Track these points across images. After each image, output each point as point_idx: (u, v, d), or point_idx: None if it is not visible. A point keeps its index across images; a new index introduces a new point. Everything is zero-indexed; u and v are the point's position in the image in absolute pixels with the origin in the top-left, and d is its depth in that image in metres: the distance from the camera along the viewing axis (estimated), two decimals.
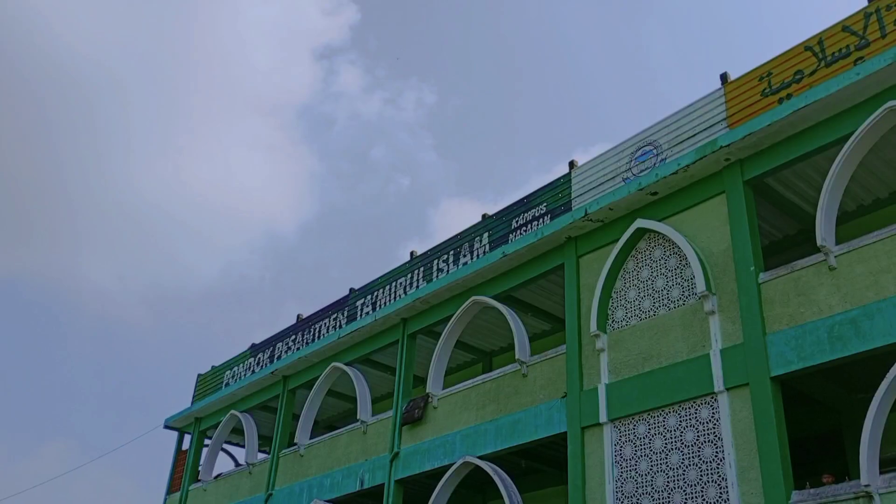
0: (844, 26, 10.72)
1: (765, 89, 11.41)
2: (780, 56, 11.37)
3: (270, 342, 21.81)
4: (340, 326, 19.07)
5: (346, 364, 17.83)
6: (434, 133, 54.79)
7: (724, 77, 12.05)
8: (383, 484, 15.46)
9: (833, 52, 10.78)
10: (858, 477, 8.91)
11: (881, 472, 8.86)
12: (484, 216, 16.04)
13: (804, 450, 11.47)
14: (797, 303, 10.16)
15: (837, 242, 10.08)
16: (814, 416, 11.95)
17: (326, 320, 19.75)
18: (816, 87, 10.36)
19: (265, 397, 20.46)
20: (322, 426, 22.00)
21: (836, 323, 9.64)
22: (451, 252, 16.38)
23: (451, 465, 14.02)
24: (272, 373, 19.81)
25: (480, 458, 13.59)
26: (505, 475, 13.23)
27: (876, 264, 9.53)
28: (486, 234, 15.68)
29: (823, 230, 10.01)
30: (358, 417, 16.81)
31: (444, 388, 15.27)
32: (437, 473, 14.42)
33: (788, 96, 11.01)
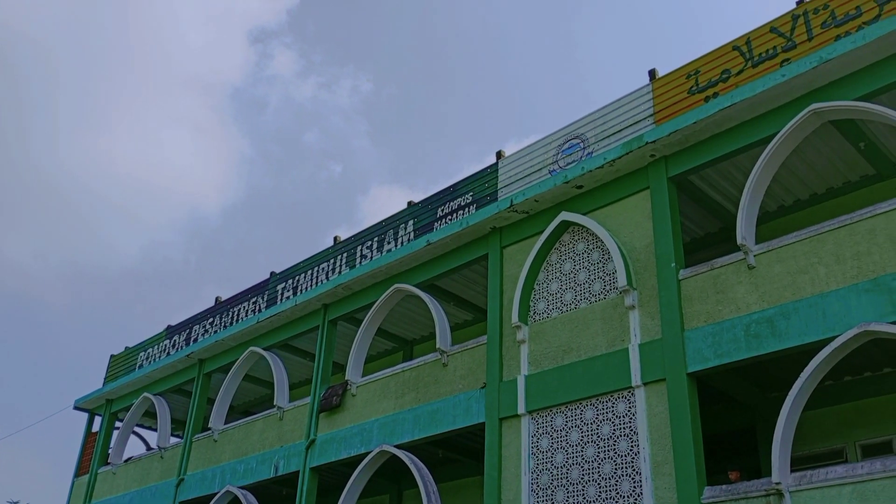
0: (772, 27, 10.82)
1: (692, 87, 11.44)
2: (707, 54, 11.41)
3: (187, 324, 21.09)
4: (260, 310, 18.55)
5: (265, 349, 17.36)
6: (369, 120, 54.13)
7: (652, 73, 12.04)
8: (298, 471, 15.11)
9: (760, 53, 10.87)
10: (770, 474, 9.02)
11: (792, 471, 9.00)
12: (409, 203, 15.76)
13: (719, 446, 11.65)
14: (716, 300, 10.25)
15: (757, 242, 10.19)
16: (729, 413, 12.15)
17: (246, 304, 19.18)
18: (742, 86, 10.43)
19: (180, 380, 19.79)
20: (238, 411, 21.44)
21: (753, 321, 9.75)
22: (376, 239, 16.05)
23: (368, 453, 13.77)
24: (188, 356, 19.17)
25: (397, 446, 13.38)
26: (421, 464, 13.05)
27: (794, 265, 9.67)
28: (411, 222, 15.41)
29: (744, 229, 10.10)
30: (275, 403, 16.38)
31: (363, 376, 14.99)
32: (354, 462, 14.16)
33: (715, 95, 11.07)
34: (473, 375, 12.85)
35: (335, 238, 17.31)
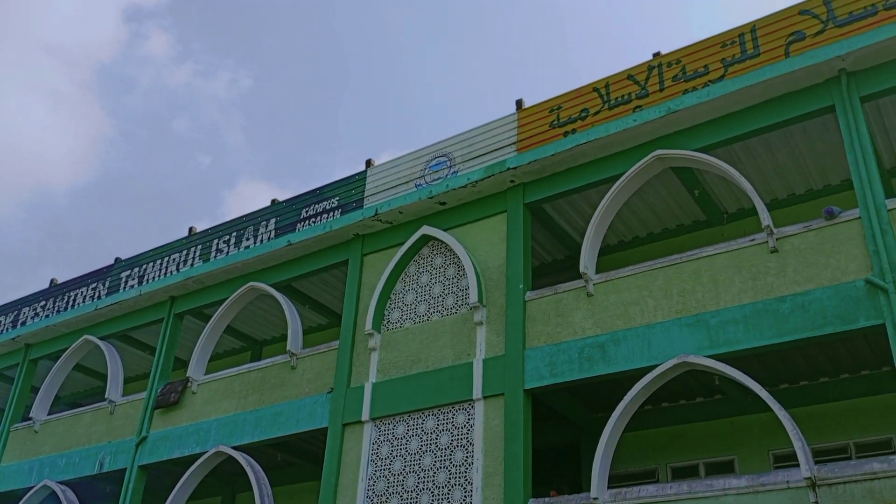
0: (629, 75, 11.71)
1: (553, 121, 12.16)
2: (570, 92, 12.18)
3: (15, 306, 19.74)
4: (100, 297, 17.68)
5: (101, 338, 16.54)
6: (245, 114, 52.58)
7: (519, 103, 12.70)
8: (125, 468, 14.49)
9: (617, 97, 11.73)
10: (590, 490, 9.66)
11: (609, 487, 9.68)
12: (273, 201, 15.64)
13: (546, 461, 12.29)
14: (556, 323, 10.89)
15: (597, 272, 10.93)
16: (558, 430, 12.84)
17: (84, 289, 18.22)
18: (598, 126, 11.22)
19: (1, 365, 18.47)
20: (64, 402, 20.20)
21: (587, 345, 10.44)
22: (234, 234, 15.79)
23: (203, 453, 13.45)
24: (13, 339, 17.94)
25: (235, 448, 13.16)
26: (258, 467, 12.91)
27: (627, 296, 10.46)
28: (273, 221, 15.29)
29: (586, 259, 10.83)
30: (106, 396, 15.63)
31: (206, 374, 14.64)
32: (188, 461, 13.77)
33: (573, 131, 11.82)
34: (321, 380, 12.90)
35: (190, 229, 16.85)
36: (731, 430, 11.63)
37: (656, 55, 11.58)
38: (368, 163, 14.38)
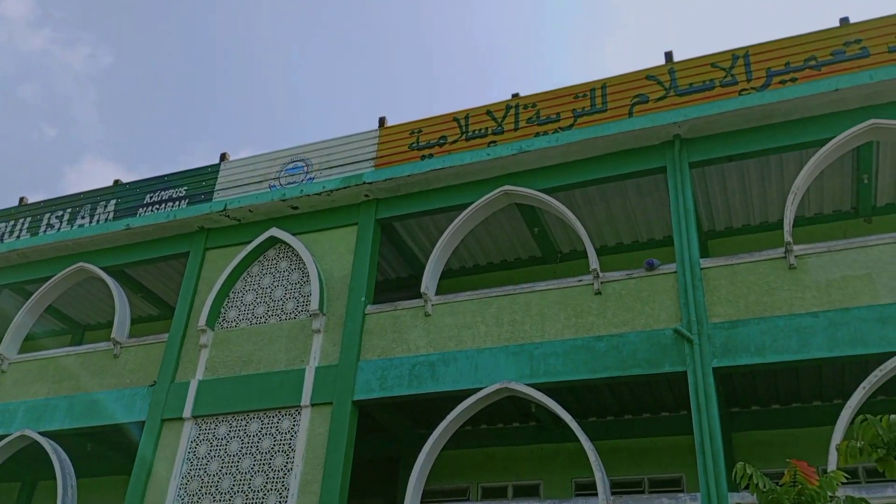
0: (489, 111, 12.26)
1: (413, 143, 12.50)
2: (432, 118, 12.58)
3: None
4: None
5: None
6: (101, 91, 49.36)
7: (381, 121, 12.96)
8: None
9: (474, 129, 12.24)
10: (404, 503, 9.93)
11: (423, 502, 10.00)
12: (116, 182, 14.98)
13: (366, 473, 12.46)
14: (392, 338, 11.15)
15: (437, 294, 11.32)
16: (380, 443, 13.08)
17: None
18: (453, 154, 11.68)
19: None
20: None
21: (419, 363, 10.77)
22: (69, 210, 14.96)
23: (6, 436, 12.62)
24: None
25: (42, 433, 12.45)
26: (65, 455, 12.27)
27: (462, 319, 10.90)
28: (113, 202, 14.63)
29: (428, 279, 11.19)
30: None
31: (19, 353, 13.75)
32: None
33: (431, 155, 12.21)
34: (144, 371, 12.48)
35: (21, 199, 15.80)
36: (541, 457, 12.33)
37: (515, 96, 12.20)
38: (223, 156, 14.11)
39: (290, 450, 10.80)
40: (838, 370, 10.50)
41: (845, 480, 5.14)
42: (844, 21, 10.82)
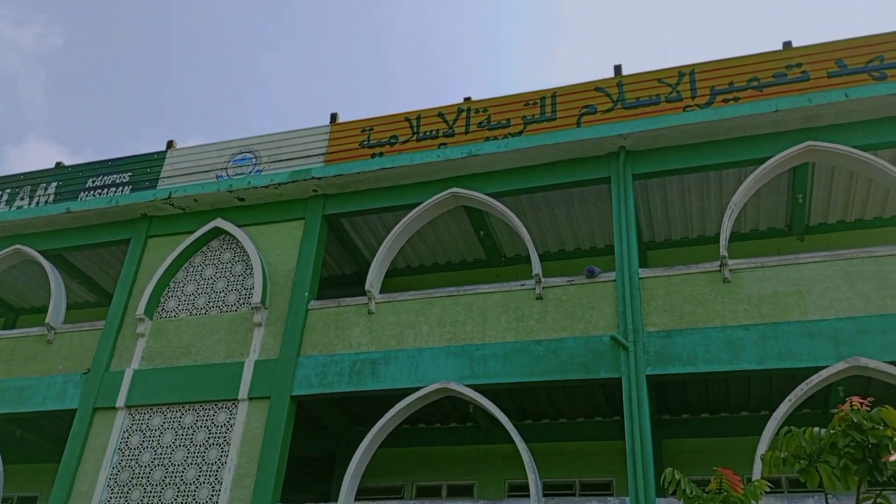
0: (440, 112, 12.35)
1: (363, 141, 12.52)
2: (384, 116, 12.62)
3: None
4: None
5: None
6: (49, 71, 47.85)
7: (333, 117, 12.94)
8: None
9: (426, 130, 12.31)
10: (337, 499, 9.92)
11: (357, 499, 10.01)
12: (58, 165, 14.64)
13: (301, 468, 12.43)
14: (334, 335, 11.14)
15: (381, 292, 11.34)
16: (317, 439, 13.03)
17: None
18: (404, 154, 11.73)
19: None
20: None
21: (360, 360, 10.78)
22: (7, 191, 14.57)
23: None
24: None
25: None
26: None
27: (405, 318, 10.94)
28: (54, 184, 14.30)
29: (373, 277, 11.22)
30: None
31: None
32: None
33: (381, 154, 12.24)
34: (78, 358, 12.22)
35: None
36: (476, 457, 12.46)
37: (467, 100, 12.32)
38: (170, 144, 13.91)
39: (224, 443, 10.71)
40: (766, 382, 10.86)
41: (769, 489, 5.33)
42: (787, 45, 11.21)
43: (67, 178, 14.27)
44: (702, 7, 41.79)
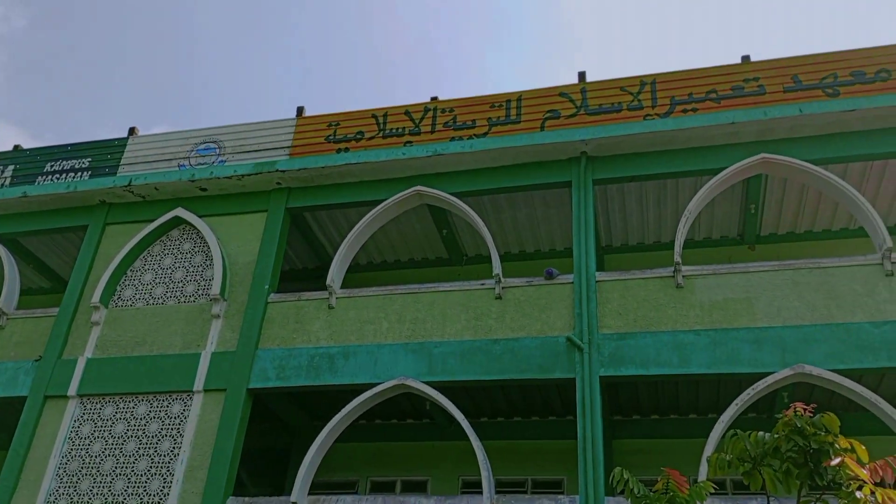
0: (407, 111, 12.43)
1: (329, 135, 12.53)
2: (351, 112, 12.64)
3: None
4: None
5: None
6: (10, 53, 46.57)
7: (299, 110, 12.93)
8: None
9: (392, 128, 12.38)
10: (291, 493, 9.94)
11: (310, 493, 10.04)
12: (16, 147, 14.36)
13: (255, 462, 12.41)
14: (293, 328, 11.14)
15: (342, 287, 11.38)
16: (272, 433, 13.03)
17: None
18: (370, 150, 11.79)
19: None
20: None
21: (318, 354, 10.81)
22: None
23: None
24: None
25: None
26: None
27: (365, 314, 11.00)
28: (11, 167, 14.02)
29: (334, 272, 11.25)
30: None
31: None
32: None
33: (347, 149, 12.27)
34: (31, 345, 12.03)
35: None
36: (431, 453, 12.57)
37: (433, 99, 12.41)
38: (132, 131, 13.75)
39: (178, 435, 10.65)
40: (714, 386, 11.17)
41: (713, 491, 5.54)
42: (745, 59, 11.53)
43: (25, 162, 14.01)
44: (664, 18, 42.53)
